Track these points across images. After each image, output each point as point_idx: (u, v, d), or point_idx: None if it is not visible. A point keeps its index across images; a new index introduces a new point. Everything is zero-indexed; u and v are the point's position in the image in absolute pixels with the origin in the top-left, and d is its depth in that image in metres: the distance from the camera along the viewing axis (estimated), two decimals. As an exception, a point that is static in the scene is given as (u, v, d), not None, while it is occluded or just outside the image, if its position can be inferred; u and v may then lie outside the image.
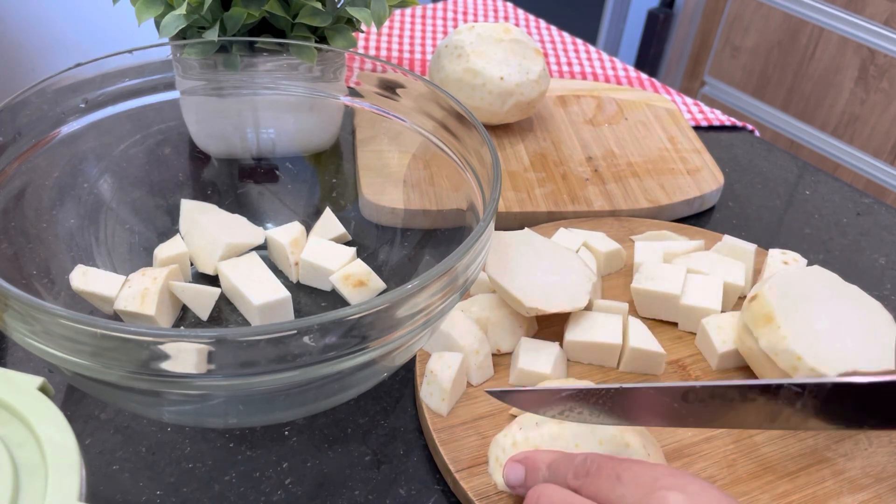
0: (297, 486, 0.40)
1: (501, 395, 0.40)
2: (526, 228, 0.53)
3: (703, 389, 0.38)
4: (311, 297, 0.51)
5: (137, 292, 0.45)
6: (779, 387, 0.36)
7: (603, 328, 0.47)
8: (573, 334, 0.47)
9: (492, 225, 0.38)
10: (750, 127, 0.78)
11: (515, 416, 0.43)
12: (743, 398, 0.37)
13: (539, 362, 0.45)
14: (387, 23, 0.89)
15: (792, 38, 1.47)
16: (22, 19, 0.92)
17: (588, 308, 0.49)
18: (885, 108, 1.37)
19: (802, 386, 0.36)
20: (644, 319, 0.51)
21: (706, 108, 0.79)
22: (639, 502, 0.31)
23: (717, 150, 0.73)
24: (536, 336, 0.49)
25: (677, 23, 1.71)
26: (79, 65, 0.45)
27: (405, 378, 0.46)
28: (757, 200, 0.66)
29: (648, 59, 1.78)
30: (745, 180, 0.69)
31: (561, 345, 0.47)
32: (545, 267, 0.48)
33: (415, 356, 0.46)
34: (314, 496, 0.40)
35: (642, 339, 0.47)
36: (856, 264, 0.51)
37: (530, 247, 0.49)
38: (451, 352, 0.44)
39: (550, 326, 0.49)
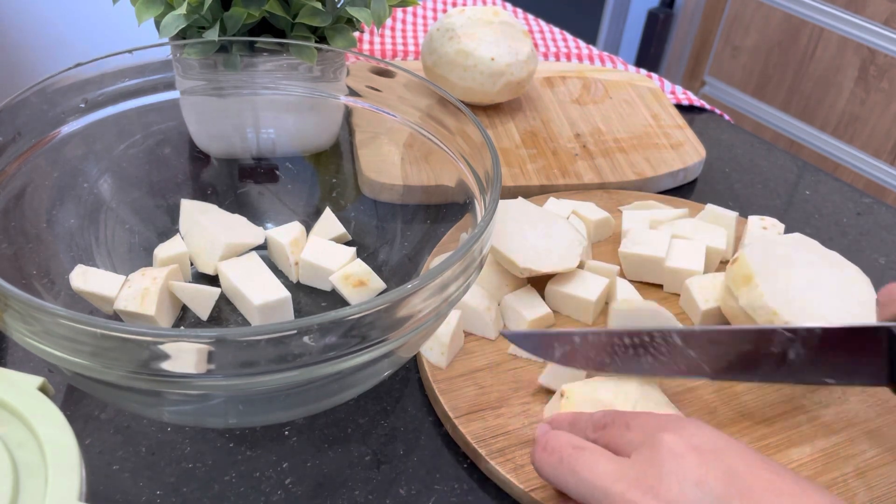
0: (297, 486, 0.40)
1: (516, 338, 0.44)
2: (520, 197, 0.55)
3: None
4: (311, 297, 0.51)
5: (137, 292, 0.45)
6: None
7: (584, 285, 0.49)
8: (556, 285, 0.49)
9: (495, 213, 0.38)
10: (719, 111, 0.80)
11: (542, 387, 0.44)
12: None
13: (535, 309, 0.48)
14: (388, 21, 0.90)
15: (792, 38, 1.47)
16: (22, 19, 0.92)
17: (580, 268, 0.51)
18: (885, 108, 1.37)
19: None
20: (631, 282, 0.53)
21: (678, 89, 0.81)
22: (642, 443, 0.35)
23: (718, 150, 0.73)
24: None
25: (677, 23, 1.71)
26: (79, 65, 0.45)
27: (405, 378, 0.46)
28: (757, 200, 0.66)
29: (648, 59, 1.78)
30: (745, 180, 0.69)
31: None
32: (538, 232, 0.50)
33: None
34: (314, 496, 0.40)
35: (629, 297, 0.49)
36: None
37: (523, 214, 0.51)
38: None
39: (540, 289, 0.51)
